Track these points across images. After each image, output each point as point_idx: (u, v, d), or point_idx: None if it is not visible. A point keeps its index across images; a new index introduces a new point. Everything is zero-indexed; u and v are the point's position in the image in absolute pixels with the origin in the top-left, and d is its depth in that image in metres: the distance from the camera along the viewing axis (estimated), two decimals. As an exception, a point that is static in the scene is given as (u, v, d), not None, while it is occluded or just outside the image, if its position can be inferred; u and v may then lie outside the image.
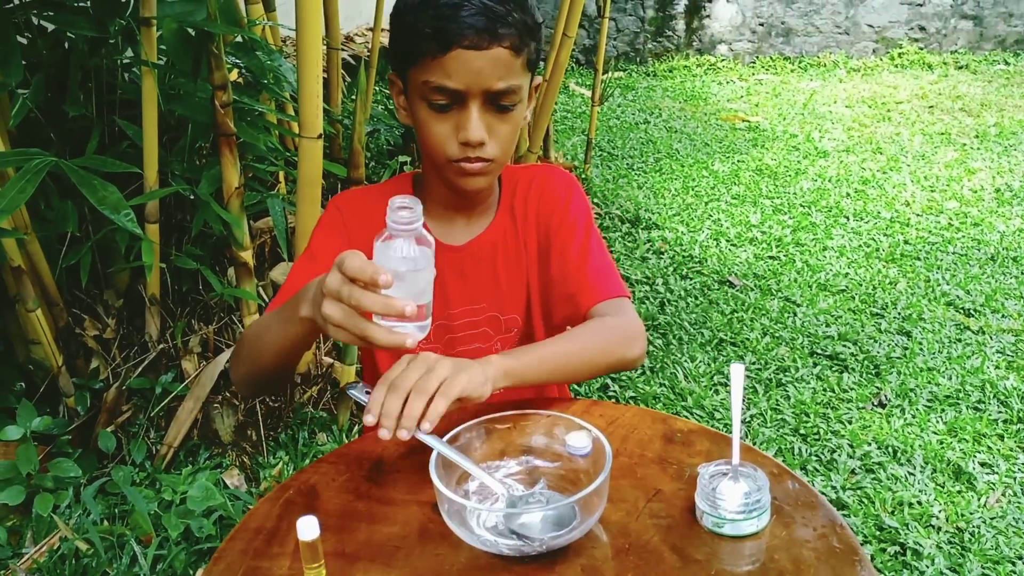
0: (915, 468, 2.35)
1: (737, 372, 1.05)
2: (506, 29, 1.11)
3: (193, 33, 2.14)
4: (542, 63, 1.23)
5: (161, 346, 2.35)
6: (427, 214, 1.29)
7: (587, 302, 1.26)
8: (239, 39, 2.29)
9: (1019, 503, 2.22)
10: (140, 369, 2.33)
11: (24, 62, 2.11)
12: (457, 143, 1.16)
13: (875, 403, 2.67)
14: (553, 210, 1.32)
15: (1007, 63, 7.15)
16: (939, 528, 2.13)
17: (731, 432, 1.04)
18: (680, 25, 7.44)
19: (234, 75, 2.47)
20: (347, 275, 0.90)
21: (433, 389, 0.98)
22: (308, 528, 0.90)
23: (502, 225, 1.32)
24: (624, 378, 2.81)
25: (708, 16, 7.39)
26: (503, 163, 1.23)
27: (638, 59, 7.52)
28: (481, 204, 1.32)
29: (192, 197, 2.25)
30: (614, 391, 2.75)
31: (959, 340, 3.02)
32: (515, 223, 1.33)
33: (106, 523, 2.07)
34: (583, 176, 4.49)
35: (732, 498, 0.96)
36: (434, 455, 0.96)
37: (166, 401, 2.30)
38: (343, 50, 4.25)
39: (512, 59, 1.14)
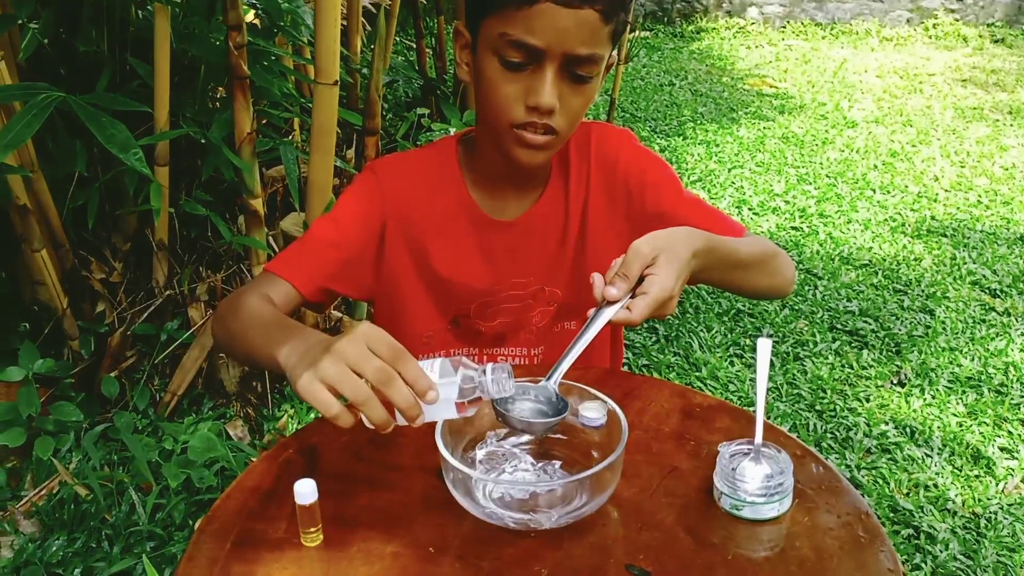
0: (932, 450, 2.29)
1: (764, 347, 0.99)
2: None
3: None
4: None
5: (168, 292, 2.31)
6: (476, 185, 1.21)
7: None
8: (256, -22, 2.21)
9: (1038, 490, 2.16)
10: (146, 315, 2.29)
11: (36, -5, 2.05)
12: (525, 107, 1.05)
13: (894, 382, 2.61)
14: (634, 174, 1.22)
15: (1045, 38, 6.96)
16: (955, 512, 2.08)
17: (751, 408, 0.99)
18: (710, -14, 7.27)
19: (250, 16, 2.40)
20: (400, 369, 0.82)
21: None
22: (306, 492, 0.86)
23: (556, 194, 1.22)
24: (638, 345, 2.75)
25: (739, -22, 7.22)
26: (566, 138, 1.13)
27: (665, 19, 7.36)
28: (534, 178, 1.22)
29: (203, 141, 2.19)
30: (627, 358, 2.69)
31: (983, 321, 2.94)
32: (571, 191, 1.22)
33: (106, 469, 2.05)
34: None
35: (753, 480, 0.91)
36: (440, 421, 0.91)
37: (171, 349, 2.27)
38: (364, -3, 4.15)
39: (600, 25, 1.03)
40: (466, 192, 1.21)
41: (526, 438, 1.01)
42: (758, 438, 0.95)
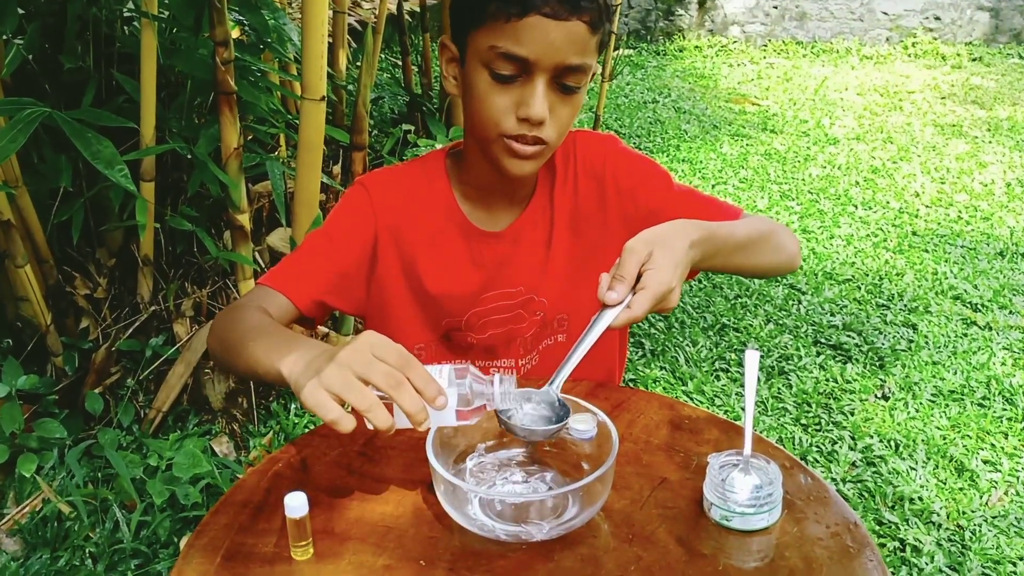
0: (917, 463, 2.30)
1: (752, 359, 0.99)
2: (588, 2, 1.02)
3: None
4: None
5: (153, 308, 2.30)
6: (465, 197, 1.22)
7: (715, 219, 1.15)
8: (243, -6, 2.22)
9: (1021, 503, 2.18)
10: (131, 331, 2.28)
11: (21, 11, 2.04)
12: (515, 118, 1.06)
13: (878, 395, 2.63)
14: (622, 177, 1.23)
15: (1022, 57, 7.06)
16: (939, 525, 2.09)
17: (738, 420, 0.99)
18: (693, 5, 7.34)
19: (236, 32, 2.40)
20: (409, 375, 0.82)
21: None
22: (297, 505, 0.86)
23: (543, 203, 1.23)
24: (624, 360, 2.76)
25: (722, -3, 7.29)
26: (554, 149, 1.13)
27: (649, 37, 7.43)
28: (523, 189, 1.22)
29: (189, 156, 2.19)
30: (613, 372, 2.70)
31: (965, 335, 2.97)
32: (556, 199, 1.23)
33: (90, 486, 2.03)
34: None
35: (742, 491, 0.91)
36: (431, 433, 0.91)
37: (156, 364, 2.25)
38: (349, 15, 4.16)
39: (588, 36, 1.04)
40: (455, 204, 1.21)
41: (516, 450, 1.01)
42: (747, 449, 0.96)
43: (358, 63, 3.52)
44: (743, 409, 2.50)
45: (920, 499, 2.17)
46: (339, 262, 1.18)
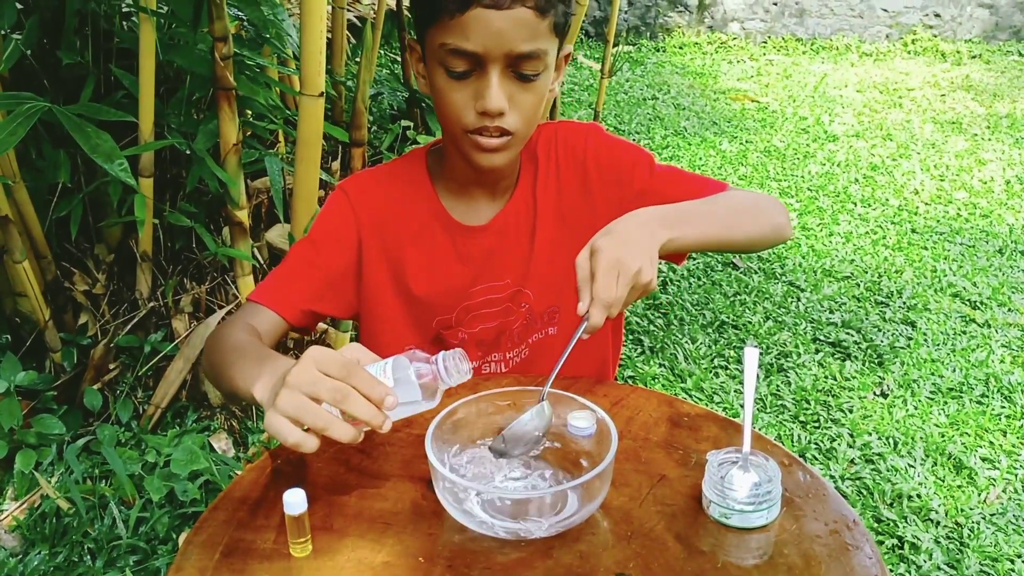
0: (915, 460, 2.31)
1: (751, 356, 0.99)
2: None
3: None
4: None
5: (151, 304, 2.30)
6: (447, 193, 1.22)
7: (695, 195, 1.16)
8: (241, -10, 2.21)
9: (1020, 500, 2.18)
10: (129, 327, 2.28)
11: (19, 5, 2.04)
12: (475, 112, 1.07)
13: (877, 392, 2.63)
14: (605, 162, 1.23)
15: (1021, 54, 7.05)
16: (938, 522, 2.09)
17: (737, 417, 0.99)
18: (693, 1, 7.33)
19: (234, 28, 2.39)
20: (354, 383, 0.83)
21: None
22: (295, 501, 0.86)
23: (525, 194, 1.23)
24: (623, 356, 2.76)
25: (721, -7, 7.28)
26: (525, 138, 1.13)
27: (648, 34, 7.42)
28: (503, 180, 1.22)
29: (188, 152, 2.19)
30: (612, 369, 2.70)
31: (964, 332, 2.97)
32: (539, 190, 1.23)
33: (89, 482, 2.03)
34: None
35: (742, 488, 0.91)
36: (430, 429, 0.91)
37: (155, 360, 2.25)
38: (348, 10, 4.15)
39: (537, 20, 1.04)
40: (437, 201, 1.22)
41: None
42: (746, 446, 0.96)
43: (357, 59, 3.51)
44: (742, 406, 2.50)
45: (918, 496, 2.17)
46: (324, 269, 1.19)
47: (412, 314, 1.23)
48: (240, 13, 2.28)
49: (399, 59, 4.24)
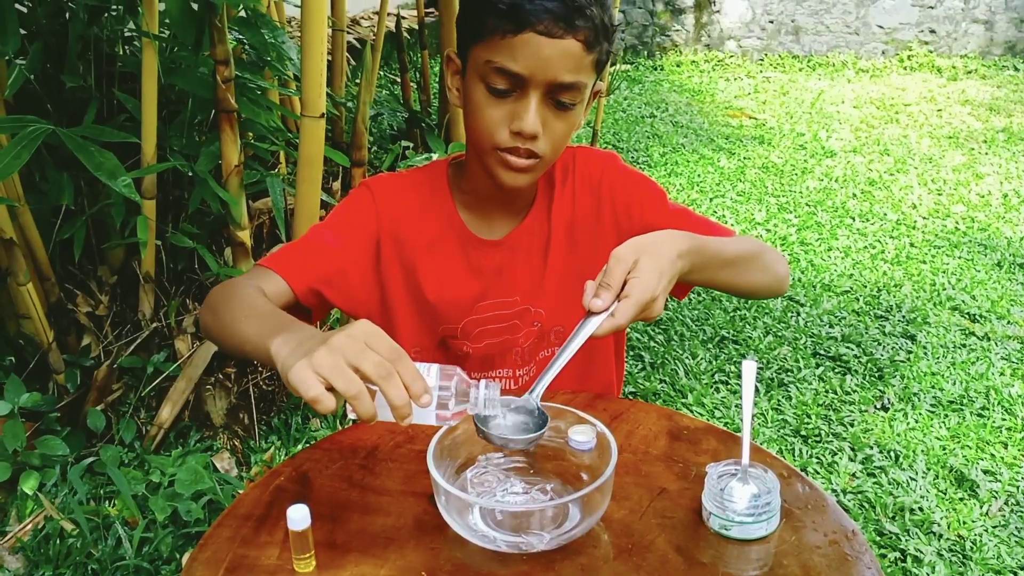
0: (917, 473, 2.31)
1: (749, 369, 1.00)
2: (583, 21, 1.05)
3: (196, 6, 2.09)
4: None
5: (154, 325, 2.31)
6: (464, 206, 1.24)
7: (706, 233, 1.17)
8: (243, 14, 2.24)
9: (1022, 512, 2.18)
10: (132, 348, 2.29)
11: (23, 31, 2.06)
12: (509, 131, 1.09)
13: (878, 406, 2.63)
14: (619, 192, 1.25)
15: (1016, 69, 7.09)
16: (940, 535, 2.09)
17: (738, 432, 1.00)
18: (689, 20, 7.38)
19: (236, 51, 2.42)
20: (399, 368, 0.83)
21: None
22: (299, 517, 0.87)
23: (541, 214, 1.25)
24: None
25: (718, 11, 7.34)
26: (550, 163, 1.16)
27: (646, 53, 7.47)
28: (520, 200, 1.24)
29: (190, 174, 2.21)
30: (613, 386, 2.70)
31: (964, 345, 2.98)
32: (555, 211, 1.25)
33: (92, 503, 2.03)
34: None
35: (741, 500, 0.92)
36: (432, 444, 0.92)
37: (158, 381, 2.26)
38: (348, 32, 4.19)
39: (583, 55, 1.07)
40: (455, 212, 1.24)
41: (517, 461, 1.02)
42: (745, 458, 0.97)
43: (357, 80, 3.54)
44: (743, 420, 2.50)
45: (920, 510, 2.17)
46: (340, 257, 1.19)
47: (419, 318, 1.24)
48: (241, 36, 2.30)
49: (399, 80, 4.27)
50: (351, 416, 0.84)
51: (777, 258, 1.24)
